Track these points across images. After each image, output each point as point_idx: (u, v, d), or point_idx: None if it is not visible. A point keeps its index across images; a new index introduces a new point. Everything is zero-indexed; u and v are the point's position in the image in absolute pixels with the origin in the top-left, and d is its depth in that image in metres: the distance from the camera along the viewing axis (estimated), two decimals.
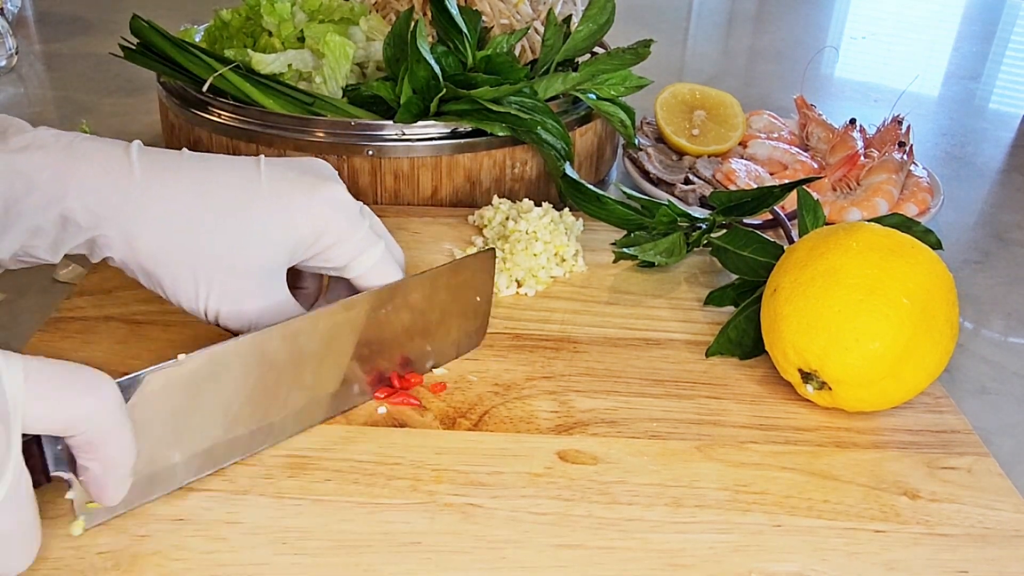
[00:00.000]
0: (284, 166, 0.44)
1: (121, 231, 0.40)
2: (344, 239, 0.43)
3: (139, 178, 0.40)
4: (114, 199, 0.40)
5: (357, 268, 0.44)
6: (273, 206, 0.42)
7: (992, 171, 0.93)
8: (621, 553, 0.38)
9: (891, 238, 0.46)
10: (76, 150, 0.40)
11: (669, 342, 0.53)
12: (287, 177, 0.43)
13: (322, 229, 0.43)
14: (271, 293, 0.43)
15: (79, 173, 0.39)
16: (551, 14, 0.71)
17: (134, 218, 0.40)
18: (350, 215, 0.44)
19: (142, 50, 0.70)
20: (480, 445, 0.44)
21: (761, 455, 0.44)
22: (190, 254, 0.41)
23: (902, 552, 0.39)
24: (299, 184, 0.43)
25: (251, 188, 0.42)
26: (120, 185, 0.40)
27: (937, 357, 0.45)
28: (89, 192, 0.39)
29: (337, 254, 0.44)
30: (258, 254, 0.42)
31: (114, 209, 0.40)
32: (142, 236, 0.40)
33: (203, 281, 0.41)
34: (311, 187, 0.43)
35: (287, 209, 0.42)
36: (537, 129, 0.65)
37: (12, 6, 1.20)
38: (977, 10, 1.70)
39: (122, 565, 0.36)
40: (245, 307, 0.42)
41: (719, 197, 0.60)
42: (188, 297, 0.41)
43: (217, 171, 0.42)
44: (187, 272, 0.41)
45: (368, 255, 0.44)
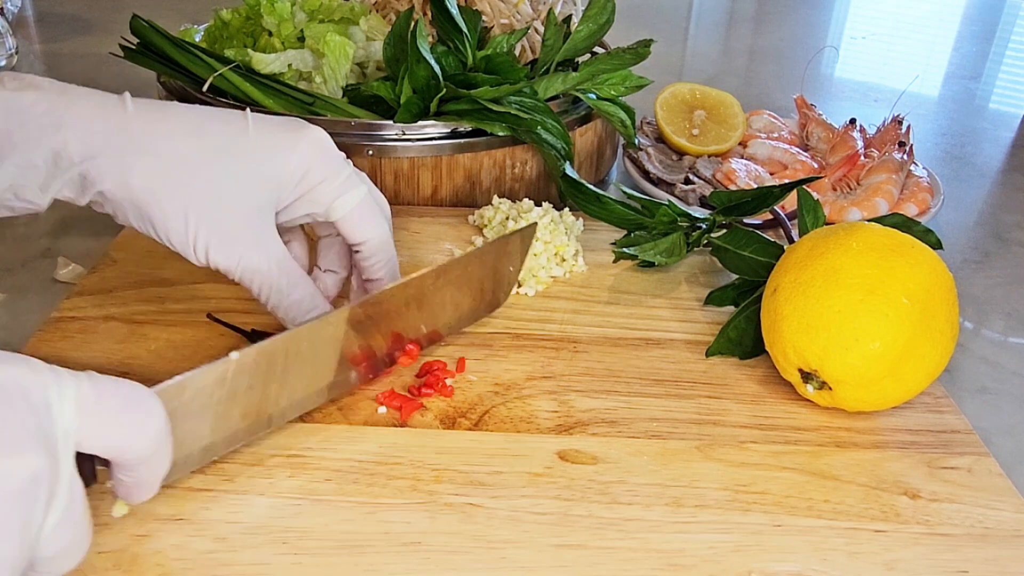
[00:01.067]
0: (269, 117, 0.45)
1: (114, 163, 0.40)
2: (328, 178, 0.44)
3: (133, 116, 0.41)
4: (108, 132, 0.40)
5: (341, 209, 0.45)
6: (261, 145, 0.43)
7: (992, 171, 0.93)
8: (621, 553, 0.38)
9: (891, 238, 0.46)
10: (70, 91, 0.41)
11: (669, 342, 0.53)
12: (273, 122, 0.45)
13: (307, 166, 0.44)
14: (260, 233, 0.43)
15: (73, 109, 0.40)
16: (551, 14, 0.71)
17: (128, 151, 0.40)
18: (334, 156, 0.45)
19: (142, 50, 0.70)
20: (480, 445, 0.44)
21: (761, 455, 0.44)
22: (182, 188, 0.41)
23: (902, 552, 0.39)
24: (285, 126, 0.44)
25: (239, 129, 0.43)
26: (114, 120, 0.41)
27: (937, 357, 0.45)
28: (83, 124, 0.40)
29: (322, 192, 0.44)
30: (247, 190, 0.42)
31: (108, 142, 0.40)
32: (135, 168, 0.41)
33: (193, 215, 0.41)
34: (297, 129, 0.44)
35: (274, 148, 0.43)
36: (537, 129, 0.65)
37: (12, 6, 1.20)
38: (977, 10, 1.70)
39: (122, 565, 0.36)
40: (234, 244, 0.42)
41: (719, 197, 0.60)
42: (178, 233, 0.41)
43: (207, 115, 0.43)
44: (178, 206, 0.41)
45: (351, 195, 0.45)
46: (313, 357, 0.42)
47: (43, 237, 0.67)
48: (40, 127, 0.39)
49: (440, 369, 0.48)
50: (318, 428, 0.44)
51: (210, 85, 0.66)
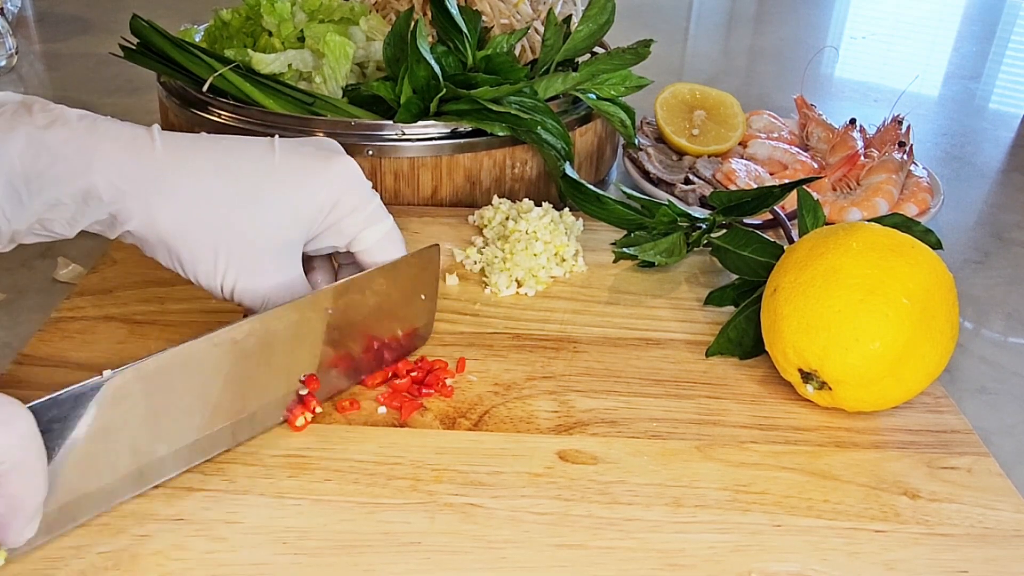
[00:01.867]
0: (297, 143, 0.45)
1: (143, 205, 0.40)
2: (358, 208, 0.45)
3: (161, 154, 0.41)
4: (137, 174, 0.40)
5: (366, 241, 0.45)
6: (290, 179, 0.43)
7: (992, 171, 0.93)
8: (621, 553, 0.38)
9: (891, 238, 0.46)
10: (99, 127, 0.41)
11: (669, 342, 0.53)
12: (301, 152, 0.44)
13: (337, 198, 0.44)
14: (287, 269, 0.43)
15: (102, 148, 0.40)
16: (551, 14, 0.71)
17: (156, 192, 0.40)
18: (363, 186, 0.45)
19: (142, 50, 0.70)
20: (480, 445, 0.44)
21: (761, 455, 0.44)
22: (210, 229, 0.41)
23: (902, 552, 0.39)
24: (314, 157, 0.44)
25: (267, 164, 0.43)
26: (142, 161, 0.40)
27: (937, 357, 0.45)
28: (112, 166, 0.40)
29: (349, 223, 0.45)
30: (277, 229, 0.43)
31: (136, 183, 0.40)
32: (164, 210, 0.40)
33: (222, 256, 0.41)
34: (326, 159, 0.44)
35: (303, 180, 0.43)
36: (537, 129, 0.65)
37: (12, 6, 1.20)
38: (977, 10, 1.70)
39: (122, 565, 0.36)
40: (261, 282, 0.42)
41: (719, 197, 0.60)
42: (206, 272, 0.42)
43: (235, 149, 0.43)
44: (207, 247, 0.41)
45: (378, 228, 0.45)
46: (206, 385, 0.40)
47: None
48: (70, 168, 0.39)
49: (441, 368, 0.48)
50: (318, 428, 0.44)
51: (210, 85, 0.66)
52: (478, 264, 0.59)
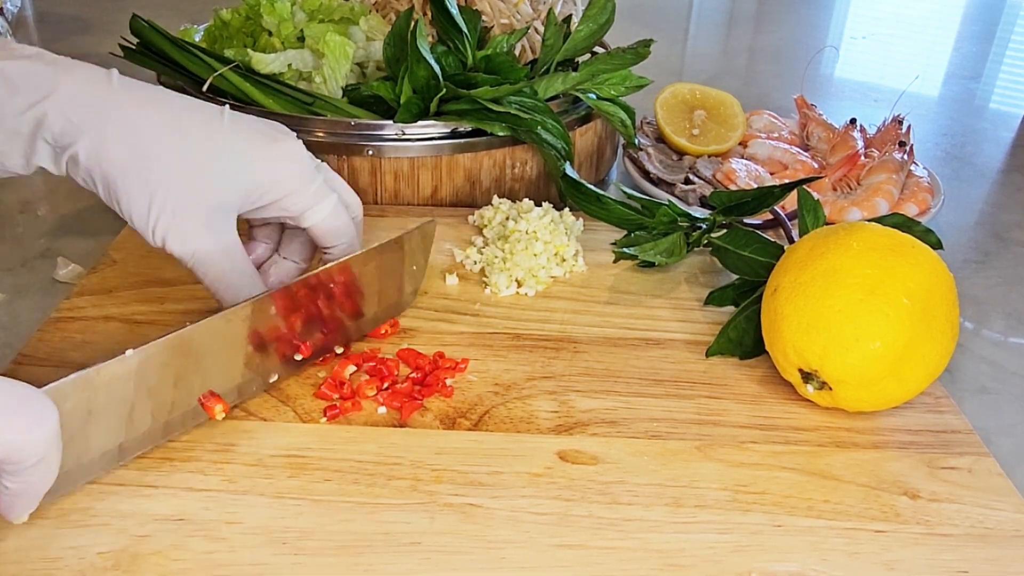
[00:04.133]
0: (247, 119, 0.46)
1: (91, 138, 0.41)
2: (298, 190, 0.46)
3: (116, 92, 0.42)
4: (90, 108, 0.42)
5: (311, 218, 0.47)
6: (234, 148, 0.44)
7: (992, 171, 0.93)
8: (621, 553, 0.38)
9: (891, 238, 0.46)
10: (59, 62, 0.42)
11: (669, 342, 0.53)
12: (250, 127, 0.46)
13: (277, 178, 0.45)
14: (219, 230, 0.44)
15: (59, 81, 0.41)
16: (551, 14, 0.71)
17: (106, 127, 0.42)
18: (306, 168, 0.47)
19: (142, 50, 0.70)
20: (480, 445, 0.44)
21: (761, 455, 0.44)
22: (151, 173, 0.42)
23: (902, 552, 0.39)
24: (261, 135, 0.46)
25: (215, 127, 0.44)
26: (97, 96, 0.42)
27: (937, 357, 0.45)
28: (67, 98, 0.41)
29: (291, 203, 0.46)
30: (213, 187, 0.44)
31: (88, 117, 0.41)
32: (110, 146, 0.42)
33: (156, 203, 0.42)
34: (271, 139, 0.46)
35: (247, 153, 0.45)
36: (537, 129, 0.65)
37: (12, 6, 1.20)
38: (977, 10, 1.70)
39: (122, 565, 0.36)
40: (191, 235, 0.43)
41: (719, 197, 0.60)
42: (140, 214, 0.43)
43: (186, 107, 0.45)
44: (144, 191, 0.42)
45: (321, 207, 0.47)
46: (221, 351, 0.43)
47: (43, 237, 0.67)
48: (27, 98, 0.41)
49: (442, 367, 0.48)
50: (318, 428, 0.44)
51: (210, 85, 0.66)
52: (478, 264, 0.59)
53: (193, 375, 0.42)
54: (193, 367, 0.41)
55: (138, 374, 0.39)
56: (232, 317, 0.42)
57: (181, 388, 0.41)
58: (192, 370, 0.41)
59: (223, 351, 0.43)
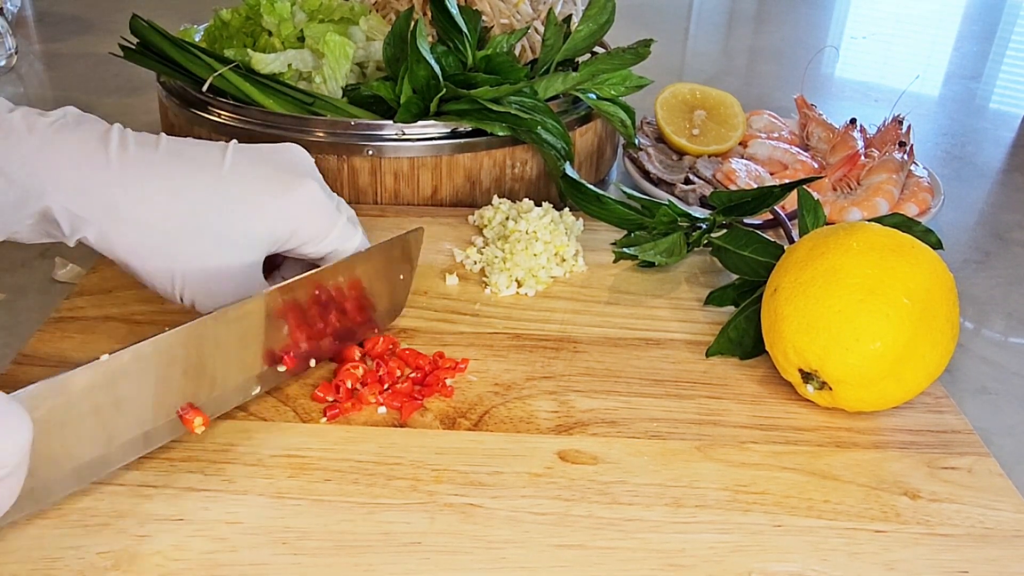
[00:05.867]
0: (256, 159, 0.44)
1: (99, 230, 0.41)
2: (320, 236, 0.45)
3: (116, 174, 0.41)
4: (90, 200, 0.40)
5: (336, 257, 0.46)
6: (243, 206, 0.43)
7: (992, 171, 0.93)
8: (621, 553, 0.38)
9: (891, 238, 0.46)
10: (52, 143, 0.40)
11: (669, 342, 0.53)
12: (260, 175, 0.43)
13: (295, 228, 0.44)
14: (245, 285, 0.44)
15: (55, 171, 0.40)
16: (551, 14, 0.71)
17: (111, 217, 0.41)
18: (325, 213, 0.45)
19: (142, 50, 0.69)
20: (480, 445, 0.44)
21: (761, 455, 0.44)
22: (164, 256, 0.42)
23: (902, 552, 0.39)
24: (272, 183, 0.43)
25: (225, 184, 0.43)
26: (95, 183, 0.41)
27: (937, 357, 0.45)
28: (65, 193, 0.40)
29: (313, 250, 0.45)
30: (230, 254, 0.43)
31: (90, 209, 0.41)
32: (118, 235, 0.41)
33: (178, 277, 0.42)
34: (285, 186, 0.44)
35: (258, 208, 0.43)
36: (537, 129, 0.65)
37: (12, 6, 1.20)
38: (977, 10, 1.70)
39: (122, 565, 0.36)
40: (220, 297, 0.43)
41: (719, 197, 0.60)
42: (164, 287, 0.43)
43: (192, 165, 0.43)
44: (162, 270, 0.42)
45: (347, 247, 0.46)
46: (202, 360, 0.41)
47: None
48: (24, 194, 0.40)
49: (442, 367, 0.48)
50: (318, 428, 0.44)
51: (210, 85, 0.66)
52: (478, 264, 0.59)
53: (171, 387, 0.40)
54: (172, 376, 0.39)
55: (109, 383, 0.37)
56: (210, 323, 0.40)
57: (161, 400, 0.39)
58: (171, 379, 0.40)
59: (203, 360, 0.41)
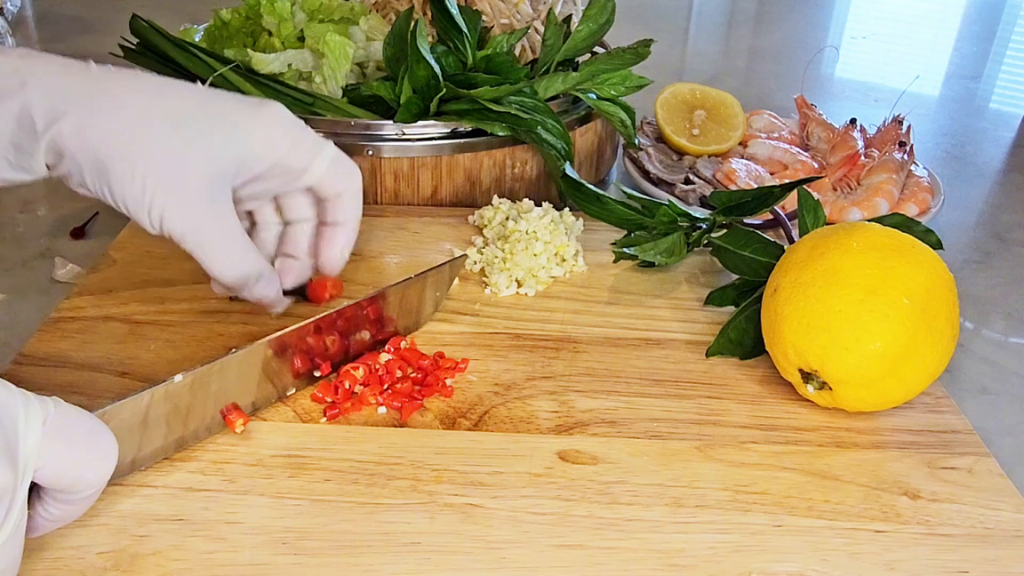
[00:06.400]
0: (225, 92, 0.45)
1: (76, 123, 0.40)
2: (295, 144, 0.45)
3: (96, 77, 0.41)
4: (71, 92, 0.40)
5: (317, 171, 0.45)
6: (222, 116, 0.43)
7: (993, 171, 0.93)
8: (621, 553, 0.38)
9: (892, 238, 0.46)
10: (33, 54, 0.41)
11: (669, 342, 0.53)
12: (232, 96, 0.44)
13: (270, 137, 0.44)
14: (216, 203, 0.43)
15: (37, 71, 0.40)
16: (551, 14, 0.71)
17: (90, 110, 0.40)
18: (295, 124, 0.45)
19: (142, 50, 0.70)
20: (480, 445, 0.44)
21: (761, 455, 0.44)
22: (142, 152, 0.41)
23: (903, 552, 0.39)
24: (244, 102, 0.44)
25: (199, 99, 0.43)
26: (77, 79, 0.41)
27: (937, 357, 0.45)
28: (47, 85, 0.40)
29: (293, 160, 0.44)
30: (207, 160, 0.42)
31: (71, 101, 0.40)
32: (98, 127, 0.40)
33: (151, 181, 0.41)
34: (255, 104, 0.44)
35: (235, 120, 0.43)
36: (537, 129, 0.65)
37: (12, 6, 1.20)
38: (977, 10, 1.70)
39: (122, 565, 0.36)
40: (190, 213, 0.42)
41: (719, 197, 0.60)
42: (134, 198, 0.41)
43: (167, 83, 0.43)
44: (137, 170, 0.41)
45: (323, 156, 0.45)
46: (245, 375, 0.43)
47: (42, 237, 0.67)
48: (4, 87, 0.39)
49: (442, 367, 0.48)
50: (318, 428, 0.44)
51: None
52: (478, 264, 0.59)
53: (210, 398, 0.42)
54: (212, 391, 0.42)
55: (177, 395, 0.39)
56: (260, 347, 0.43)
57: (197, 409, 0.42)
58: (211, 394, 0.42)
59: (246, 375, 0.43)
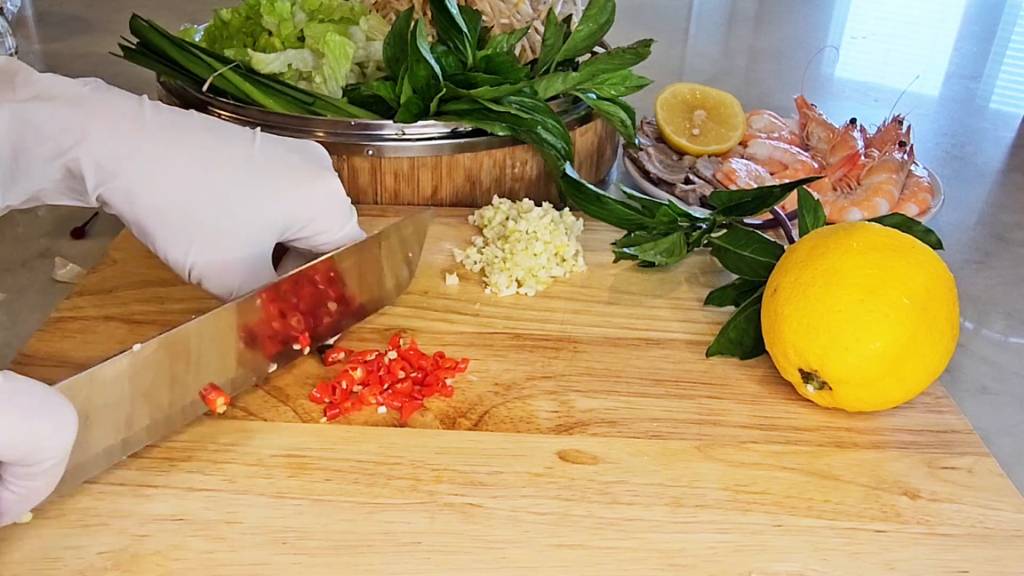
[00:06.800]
0: (284, 146, 0.45)
1: (125, 187, 0.41)
2: (333, 230, 0.46)
3: (147, 130, 0.41)
4: (121, 156, 0.40)
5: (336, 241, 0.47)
6: (271, 186, 0.44)
7: (992, 171, 0.93)
8: (621, 553, 0.38)
9: (892, 238, 0.46)
10: (86, 102, 0.41)
11: (669, 342, 0.53)
12: (288, 160, 0.45)
13: (314, 217, 0.45)
14: (255, 267, 0.44)
15: (89, 126, 0.40)
16: (551, 14, 0.71)
17: (141, 176, 0.41)
18: (343, 210, 0.46)
19: (142, 50, 0.69)
20: (480, 445, 0.44)
21: (761, 455, 0.44)
22: (187, 219, 0.42)
23: (903, 552, 0.39)
24: (300, 170, 0.45)
25: (252, 164, 0.43)
26: (128, 143, 0.41)
27: (937, 357, 0.45)
28: (97, 147, 0.40)
29: (323, 241, 0.46)
30: (249, 230, 0.43)
31: (121, 165, 0.40)
32: (144, 194, 0.41)
33: (195, 246, 0.42)
34: (314, 176, 0.45)
35: (286, 191, 0.44)
36: (537, 129, 0.65)
37: (12, 6, 1.20)
38: (977, 10, 1.70)
39: (122, 565, 0.36)
40: (227, 276, 0.44)
41: (719, 197, 0.60)
42: (176, 257, 0.43)
43: (221, 138, 0.43)
44: (181, 235, 0.42)
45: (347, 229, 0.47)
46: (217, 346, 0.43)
47: (43, 237, 0.67)
48: (56, 146, 0.39)
49: (442, 367, 0.48)
50: (318, 428, 0.44)
51: (210, 85, 0.66)
52: (478, 264, 0.59)
53: (189, 371, 0.42)
54: (188, 364, 0.41)
55: (135, 372, 0.39)
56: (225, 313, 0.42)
57: (178, 384, 0.41)
58: (187, 367, 0.41)
59: (218, 346, 0.43)
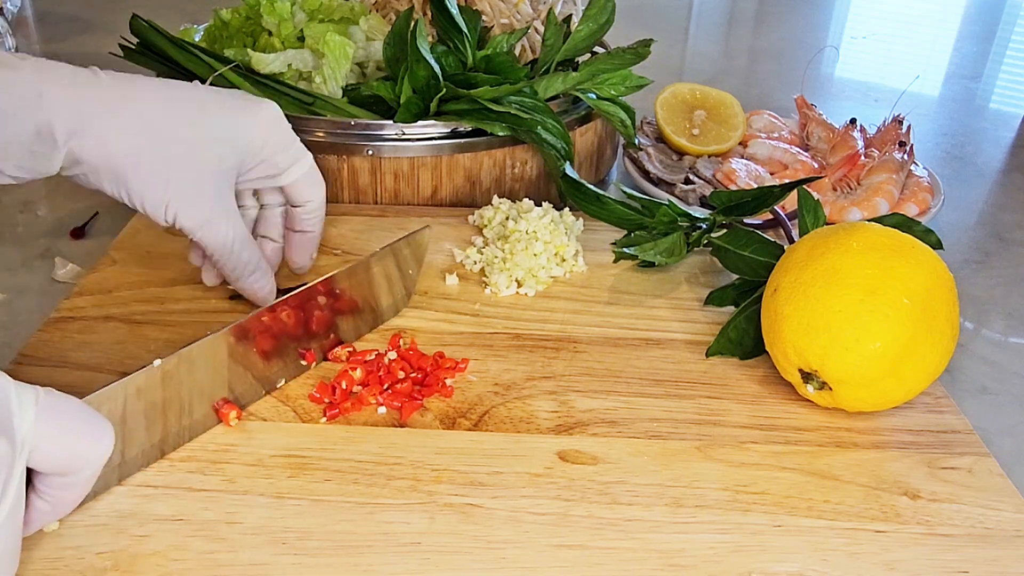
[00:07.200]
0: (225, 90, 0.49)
1: (96, 136, 0.42)
2: (286, 145, 0.49)
3: (107, 86, 0.43)
4: (87, 108, 0.42)
5: (292, 175, 0.50)
6: (224, 114, 0.47)
7: (992, 171, 0.93)
8: (621, 553, 0.38)
9: (892, 238, 0.46)
10: (43, 67, 0.43)
11: (669, 342, 0.53)
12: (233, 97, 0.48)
13: (267, 136, 0.48)
14: (225, 197, 0.47)
15: (50, 87, 0.42)
16: (551, 14, 0.71)
17: (107, 123, 0.43)
18: (287, 128, 0.50)
19: (142, 50, 0.70)
20: (480, 445, 0.44)
21: (761, 455, 0.44)
22: (158, 156, 0.44)
23: (903, 552, 0.39)
24: (243, 101, 0.48)
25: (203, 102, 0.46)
26: (91, 93, 0.43)
27: (937, 357, 0.45)
28: (64, 100, 0.42)
29: (279, 159, 0.49)
30: (215, 155, 0.46)
31: (87, 117, 0.42)
32: (116, 139, 0.43)
33: (167, 181, 0.44)
34: (256, 103, 0.48)
35: (237, 120, 0.47)
36: (537, 129, 0.65)
37: (12, 6, 1.20)
38: (977, 10, 1.70)
39: (122, 565, 0.36)
40: (202, 207, 0.46)
41: (719, 197, 0.60)
42: (153, 199, 0.44)
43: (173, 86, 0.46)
44: (154, 173, 0.44)
45: (301, 163, 0.50)
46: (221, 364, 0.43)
47: (43, 237, 0.67)
48: (22, 104, 0.41)
49: (442, 367, 0.48)
50: (318, 428, 0.44)
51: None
52: (478, 264, 0.59)
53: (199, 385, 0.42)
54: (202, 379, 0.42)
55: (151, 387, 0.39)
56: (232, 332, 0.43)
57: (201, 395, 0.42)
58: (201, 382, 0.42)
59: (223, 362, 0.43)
